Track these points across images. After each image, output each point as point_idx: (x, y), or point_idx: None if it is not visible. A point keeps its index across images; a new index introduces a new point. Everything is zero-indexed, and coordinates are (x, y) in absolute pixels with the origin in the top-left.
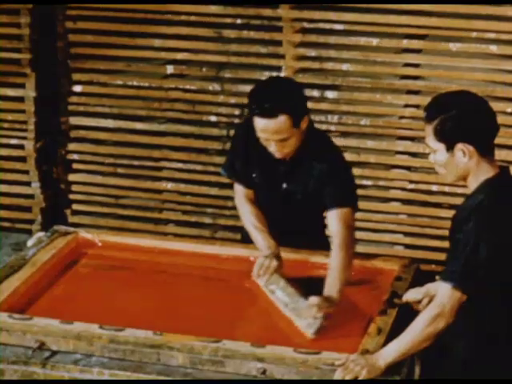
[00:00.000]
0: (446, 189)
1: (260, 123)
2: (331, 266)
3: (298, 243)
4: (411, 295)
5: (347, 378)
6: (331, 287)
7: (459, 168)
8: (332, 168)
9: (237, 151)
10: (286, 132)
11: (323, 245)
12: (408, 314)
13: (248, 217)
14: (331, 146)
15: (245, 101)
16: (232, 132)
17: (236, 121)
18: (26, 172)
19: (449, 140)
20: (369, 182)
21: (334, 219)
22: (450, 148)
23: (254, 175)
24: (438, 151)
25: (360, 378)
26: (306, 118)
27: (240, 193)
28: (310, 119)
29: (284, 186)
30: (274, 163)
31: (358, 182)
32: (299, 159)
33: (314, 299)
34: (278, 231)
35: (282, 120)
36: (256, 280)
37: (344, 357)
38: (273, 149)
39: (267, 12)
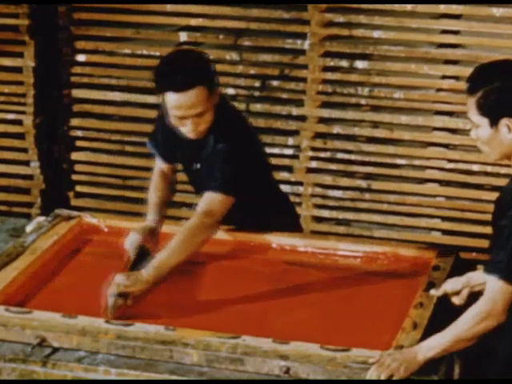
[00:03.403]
0: (489, 168)
1: (173, 99)
2: (168, 244)
3: (239, 222)
4: (450, 286)
5: (383, 376)
6: (149, 264)
7: (504, 145)
8: (220, 151)
9: (158, 129)
10: (202, 105)
11: (266, 222)
12: (446, 306)
13: (151, 190)
14: (234, 129)
15: (266, 71)
16: (252, 106)
17: (256, 93)
18: (25, 150)
19: (493, 114)
20: (403, 162)
21: (201, 201)
22: (493, 123)
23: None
24: (480, 126)
25: (396, 377)
26: (217, 91)
27: (156, 167)
28: (221, 94)
29: (196, 166)
30: (187, 143)
31: (391, 160)
32: (206, 139)
33: (118, 276)
34: None
35: (198, 92)
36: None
37: (376, 354)
38: (187, 128)
39: None
